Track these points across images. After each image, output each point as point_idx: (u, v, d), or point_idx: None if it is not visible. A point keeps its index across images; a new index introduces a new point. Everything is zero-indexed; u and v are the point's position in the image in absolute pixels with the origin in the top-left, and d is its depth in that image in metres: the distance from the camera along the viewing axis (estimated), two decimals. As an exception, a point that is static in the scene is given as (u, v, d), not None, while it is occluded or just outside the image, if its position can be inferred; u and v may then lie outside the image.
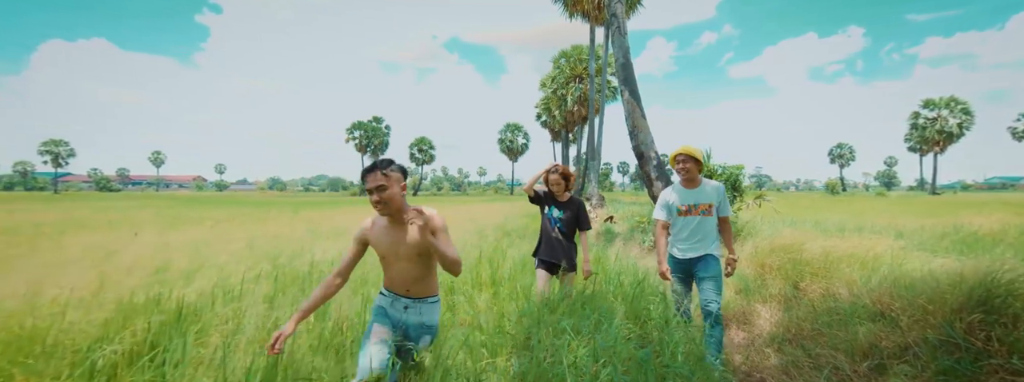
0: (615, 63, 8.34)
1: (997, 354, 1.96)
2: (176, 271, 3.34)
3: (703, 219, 2.88)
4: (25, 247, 5.09)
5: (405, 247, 1.78)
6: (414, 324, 1.87)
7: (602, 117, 25.31)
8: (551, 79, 37.47)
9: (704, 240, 2.88)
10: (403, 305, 1.85)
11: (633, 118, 8.25)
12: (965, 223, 7.20)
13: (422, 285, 1.85)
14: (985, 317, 2.12)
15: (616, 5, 8.07)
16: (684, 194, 2.94)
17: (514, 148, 59.43)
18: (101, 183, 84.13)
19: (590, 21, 21.27)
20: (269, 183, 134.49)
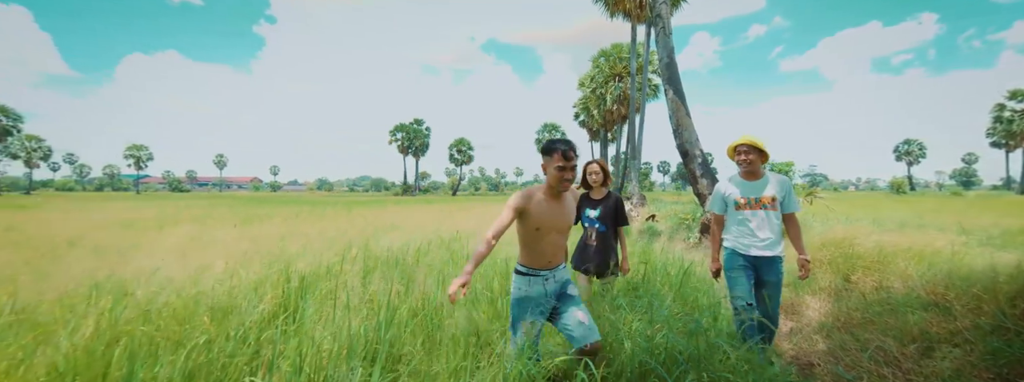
0: (659, 63, 8.41)
1: (1044, 335, 2.05)
2: (279, 256, 3.93)
3: (767, 213, 2.64)
4: (148, 236, 5.99)
5: (563, 219, 1.99)
6: (555, 289, 2.04)
7: (643, 116, 24.94)
8: (590, 78, 37.26)
9: (770, 238, 2.63)
10: (542, 279, 1.99)
11: (677, 117, 8.29)
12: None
13: (561, 255, 2.05)
14: (1037, 303, 2.19)
15: (661, 6, 8.15)
16: (744, 186, 2.72)
17: (552, 148, 59.38)
18: (173, 184, 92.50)
19: (632, 19, 21.11)
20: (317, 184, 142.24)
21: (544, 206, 1.93)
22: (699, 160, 8.40)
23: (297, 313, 2.37)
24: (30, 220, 10.48)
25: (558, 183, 1.90)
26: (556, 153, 1.88)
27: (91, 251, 4.89)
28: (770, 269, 2.62)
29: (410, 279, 3.11)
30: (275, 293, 2.55)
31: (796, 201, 2.72)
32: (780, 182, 2.70)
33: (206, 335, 1.98)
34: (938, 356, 2.31)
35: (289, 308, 2.43)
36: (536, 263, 1.98)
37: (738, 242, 2.71)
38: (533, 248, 1.96)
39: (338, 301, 2.58)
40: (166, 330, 2.05)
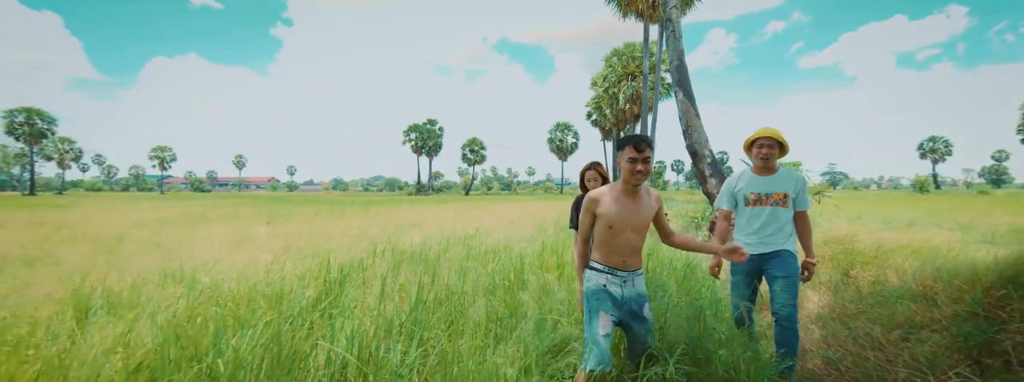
0: (670, 65, 8.61)
1: (1010, 320, 2.25)
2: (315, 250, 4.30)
3: (776, 210, 2.52)
4: (188, 233, 6.46)
5: (639, 218, 1.91)
6: (633, 296, 1.94)
7: (655, 114, 24.96)
8: (602, 77, 37.30)
9: (778, 233, 2.51)
10: (621, 279, 1.93)
11: (687, 118, 8.48)
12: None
13: (637, 257, 1.95)
14: (1010, 292, 2.39)
15: (672, 10, 8.34)
16: (755, 181, 2.58)
17: (564, 147, 59.52)
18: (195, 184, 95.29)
19: (644, 19, 21.18)
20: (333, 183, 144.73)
21: (619, 203, 1.90)
22: (708, 160, 8.57)
23: (338, 300, 2.71)
24: (72, 219, 11.18)
25: (631, 176, 1.87)
26: (628, 146, 1.88)
27: (141, 246, 5.35)
28: (778, 264, 2.47)
29: (434, 272, 3.42)
30: (317, 283, 2.89)
31: (808, 198, 2.59)
32: (795, 178, 2.56)
33: (266, 317, 2.32)
34: (917, 340, 2.53)
35: (331, 295, 2.76)
36: (610, 261, 1.93)
37: (745, 241, 2.58)
38: (607, 245, 1.92)
39: (373, 290, 2.91)
40: (234, 311, 2.40)
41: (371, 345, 2.16)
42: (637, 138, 1.88)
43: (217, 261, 3.45)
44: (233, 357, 1.81)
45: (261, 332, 2.08)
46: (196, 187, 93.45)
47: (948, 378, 2.05)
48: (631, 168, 1.87)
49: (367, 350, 2.13)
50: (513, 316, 2.61)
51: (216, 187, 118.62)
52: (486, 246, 4.99)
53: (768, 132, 2.53)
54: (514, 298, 2.83)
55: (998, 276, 2.53)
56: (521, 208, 16.16)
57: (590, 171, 3.22)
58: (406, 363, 1.96)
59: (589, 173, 3.22)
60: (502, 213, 12.11)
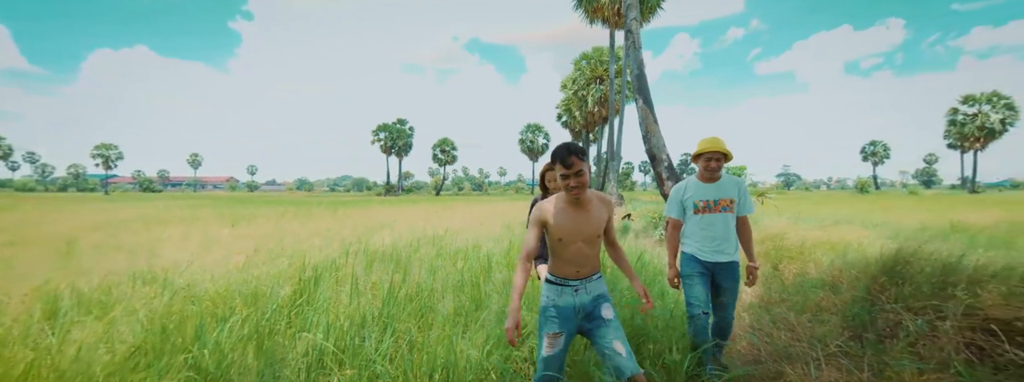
0: (631, 74, 9.13)
1: (886, 302, 2.73)
2: (287, 251, 4.39)
3: (725, 216, 2.60)
4: (142, 236, 6.32)
5: (589, 227, 1.84)
6: (588, 301, 1.90)
7: (622, 118, 25.81)
8: (572, 81, 38.16)
9: (728, 242, 2.60)
10: (573, 289, 1.88)
11: (647, 124, 9.01)
12: (961, 219, 7.65)
13: (591, 265, 1.90)
14: (889, 279, 2.88)
15: (632, 22, 8.85)
16: (701, 189, 2.65)
17: (535, 148, 60.21)
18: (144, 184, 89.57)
19: (610, 26, 21.91)
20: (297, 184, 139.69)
21: (566, 214, 1.84)
22: (665, 164, 9.14)
23: (312, 297, 2.88)
24: (14, 222, 10.49)
25: (566, 191, 1.81)
26: (555, 161, 1.79)
27: (99, 249, 5.23)
28: (728, 275, 2.59)
29: (405, 271, 3.63)
30: (292, 282, 3.05)
31: (750, 203, 2.69)
32: (737, 184, 2.66)
33: (242, 314, 2.48)
34: (820, 322, 2.99)
35: (305, 293, 2.93)
36: (562, 272, 1.89)
37: (698, 248, 2.62)
38: (560, 257, 1.87)
39: (346, 288, 3.10)
40: (211, 309, 2.54)
41: (346, 336, 2.37)
42: (563, 151, 1.77)
43: (189, 263, 3.52)
44: (215, 348, 1.98)
45: (241, 325, 2.25)
46: (145, 187, 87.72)
47: (832, 349, 2.49)
48: (564, 184, 1.80)
49: (343, 341, 2.34)
50: (479, 309, 2.88)
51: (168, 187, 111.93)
52: (455, 246, 5.22)
53: (714, 146, 2.60)
54: (480, 293, 3.10)
55: (882, 267, 3.03)
56: (491, 208, 16.42)
57: (551, 171, 2.96)
58: (379, 351, 2.18)
59: (549, 174, 3.03)
60: (472, 214, 12.33)
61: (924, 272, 2.88)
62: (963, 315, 2.33)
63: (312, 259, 3.93)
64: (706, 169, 2.61)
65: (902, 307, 2.66)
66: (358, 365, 2.05)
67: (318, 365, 2.14)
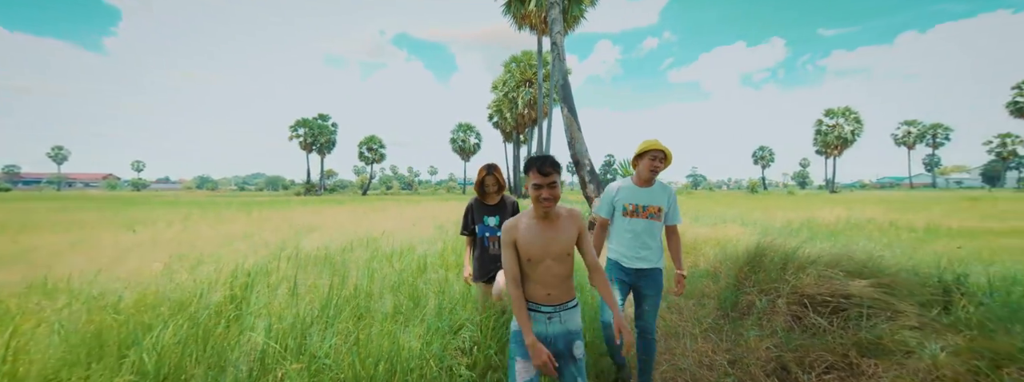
0: (556, 84, 9.78)
1: (748, 286, 3.50)
2: (207, 257, 4.19)
3: (651, 223, 2.56)
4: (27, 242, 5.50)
5: (557, 245, 1.72)
6: (561, 333, 1.76)
7: (550, 121, 27.02)
8: (502, 82, 38.98)
9: (652, 248, 2.55)
10: (546, 316, 1.75)
11: (571, 131, 9.74)
12: (816, 216, 9.42)
13: (564, 287, 1.77)
14: (751, 268, 3.67)
15: (556, 36, 9.50)
16: (634, 192, 2.59)
17: (466, 148, 60.24)
18: (-18, 182, 73.70)
19: (537, 33, 22.81)
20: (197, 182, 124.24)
21: (533, 230, 1.73)
22: (588, 168, 9.96)
23: (246, 302, 2.89)
24: None
25: (537, 202, 1.71)
26: (532, 170, 1.71)
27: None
28: (650, 282, 2.55)
29: (343, 274, 3.72)
30: (223, 287, 3.00)
31: (679, 213, 2.68)
32: (668, 192, 2.63)
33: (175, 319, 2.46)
34: (701, 305, 3.69)
35: (238, 299, 2.92)
36: (534, 297, 1.75)
37: (622, 253, 2.59)
38: (529, 279, 1.75)
39: (282, 291, 3.14)
40: (137, 318, 2.47)
41: (288, 336, 2.47)
42: (541, 161, 1.70)
43: (96, 271, 3.27)
44: (154, 350, 2.00)
45: (176, 330, 2.26)
46: (-16, 185, 72.23)
47: (706, 324, 3.15)
48: (536, 195, 1.70)
49: (284, 340, 2.43)
50: (417, 307, 3.11)
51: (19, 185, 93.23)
52: (390, 248, 5.33)
53: (660, 145, 2.53)
54: (417, 291, 3.32)
55: (747, 258, 3.82)
56: (423, 209, 16.33)
57: (489, 176, 2.90)
58: (323, 349, 2.33)
59: (488, 179, 2.91)
60: (404, 215, 12.24)
61: (773, 261, 3.70)
62: (789, 293, 3.10)
63: (240, 264, 3.83)
64: (649, 169, 2.54)
65: (756, 290, 3.42)
66: (305, 360, 2.19)
67: (260, 364, 2.23)
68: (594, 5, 20.74)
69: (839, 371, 2.56)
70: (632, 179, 2.68)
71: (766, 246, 4.01)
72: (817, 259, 3.53)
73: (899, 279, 3.28)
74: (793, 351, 2.77)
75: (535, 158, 1.73)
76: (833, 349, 2.69)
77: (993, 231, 8.29)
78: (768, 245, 4.04)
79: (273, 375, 2.03)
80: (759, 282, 3.50)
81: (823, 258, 3.66)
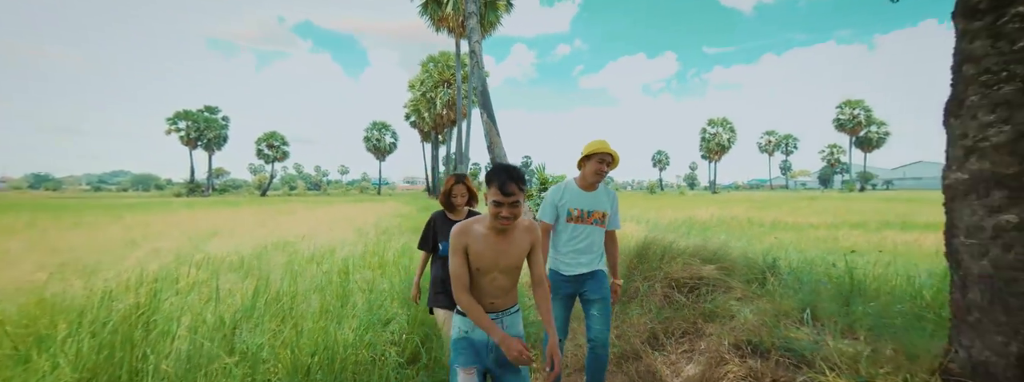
0: (475, 91, 10.21)
1: (636, 275, 4.27)
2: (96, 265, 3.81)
3: (595, 229, 2.49)
4: None
5: (509, 259, 1.69)
6: None
7: (469, 122, 27.40)
8: (420, 82, 38.35)
9: (595, 253, 2.50)
10: None
11: (490, 136, 10.23)
12: (695, 214, 11.16)
13: (508, 296, 1.75)
14: (639, 259, 4.45)
15: (475, 44, 9.91)
16: (580, 197, 2.49)
17: (381, 147, 57.92)
18: None
19: (456, 36, 23.05)
20: (29, 180, 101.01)
21: (486, 242, 1.67)
22: (505, 171, 10.54)
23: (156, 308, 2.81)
24: None
25: (495, 220, 1.62)
26: (492, 185, 1.59)
27: None
28: (595, 286, 2.46)
29: (265, 277, 3.70)
30: (129, 295, 2.85)
31: (619, 219, 2.65)
32: (611, 197, 2.57)
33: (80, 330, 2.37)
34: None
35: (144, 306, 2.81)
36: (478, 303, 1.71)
37: (562, 260, 2.50)
38: (475, 286, 1.71)
39: (199, 295, 3.08)
40: (31, 329, 2.32)
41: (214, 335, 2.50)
42: (503, 177, 1.59)
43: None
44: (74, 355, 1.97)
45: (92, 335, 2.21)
46: None
47: (599, 305, 3.80)
48: (495, 212, 1.60)
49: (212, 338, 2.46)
50: (345, 306, 3.28)
51: None
52: (309, 251, 5.27)
53: (608, 147, 2.43)
54: (345, 291, 3.48)
55: (636, 251, 4.62)
56: (337, 211, 15.60)
57: (458, 185, 2.64)
58: (253, 345, 2.43)
59: (457, 188, 2.64)
60: (317, 217, 11.67)
61: (655, 253, 4.54)
62: (663, 278, 3.90)
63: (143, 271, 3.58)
64: (596, 173, 2.43)
65: (641, 277, 4.19)
66: (236, 356, 2.29)
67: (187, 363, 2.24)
68: (509, 12, 21.60)
69: (690, 335, 3.36)
70: (576, 181, 2.55)
71: (651, 241, 4.87)
72: (685, 250, 4.44)
73: (736, 263, 4.30)
74: (661, 323, 3.53)
75: (500, 172, 1.60)
76: (687, 318, 3.50)
77: (813, 225, 10.64)
78: (652, 240, 4.90)
79: (206, 371, 2.12)
80: (644, 271, 4.28)
81: (689, 249, 4.61)
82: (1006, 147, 1.52)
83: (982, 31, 1.58)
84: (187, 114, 51.35)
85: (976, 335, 1.62)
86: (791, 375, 2.40)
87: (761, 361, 2.70)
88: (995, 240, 1.56)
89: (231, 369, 2.10)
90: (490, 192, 1.60)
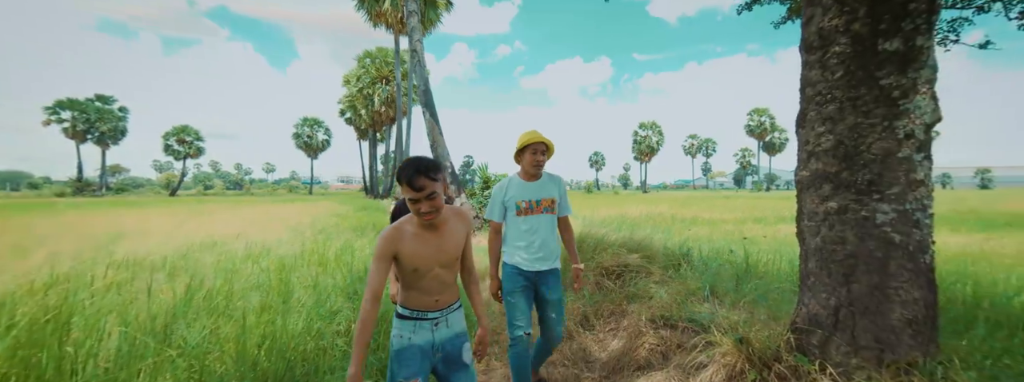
0: (418, 91, 10.20)
1: (565, 262, 4.69)
2: None
3: (547, 217, 2.45)
4: None
5: (447, 252, 1.63)
6: (449, 338, 1.70)
7: (410, 119, 26.87)
8: (356, 77, 36.80)
9: (549, 247, 2.45)
10: (432, 323, 1.66)
11: (433, 135, 10.29)
12: (626, 212, 12.08)
13: (451, 291, 1.70)
14: (570, 249, 4.88)
15: (416, 43, 9.93)
16: (524, 188, 2.45)
17: (313, 144, 54.62)
18: None
19: (395, 32, 22.58)
20: None
21: (419, 241, 1.59)
22: (449, 171, 10.65)
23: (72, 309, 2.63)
24: None
25: (418, 216, 1.55)
26: (402, 182, 1.51)
27: None
28: (552, 285, 2.43)
29: (199, 276, 3.55)
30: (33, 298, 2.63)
31: (569, 203, 2.60)
32: (557, 182, 2.53)
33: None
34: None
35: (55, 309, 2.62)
36: (420, 304, 1.65)
37: (519, 256, 2.44)
38: (415, 287, 1.64)
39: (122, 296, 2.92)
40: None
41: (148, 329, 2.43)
42: (409, 171, 1.50)
43: None
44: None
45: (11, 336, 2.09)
46: None
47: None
48: (415, 209, 1.53)
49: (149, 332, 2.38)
50: (287, 301, 3.28)
51: None
52: (242, 251, 5.05)
53: (540, 136, 2.42)
54: (287, 287, 3.47)
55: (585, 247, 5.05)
56: (263, 211, 14.61)
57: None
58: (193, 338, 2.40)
59: None
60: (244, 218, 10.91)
61: (589, 245, 4.98)
62: (596, 267, 4.33)
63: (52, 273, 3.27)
64: (533, 164, 2.42)
65: (593, 266, 4.60)
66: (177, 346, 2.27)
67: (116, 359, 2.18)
68: (449, 10, 21.59)
69: (616, 316, 3.80)
70: (518, 175, 2.53)
71: (586, 235, 5.31)
72: (615, 242, 4.93)
73: (657, 252, 4.88)
74: (592, 306, 3.94)
75: (405, 167, 1.52)
76: (614, 301, 3.94)
77: (725, 220, 12.02)
78: (588, 234, 5.35)
79: (146, 364, 2.09)
80: (581, 260, 4.72)
81: (618, 241, 5.12)
82: (830, 152, 2.04)
83: (816, 62, 2.09)
84: (72, 103, 44.71)
85: (812, 294, 2.14)
86: (692, 339, 2.88)
87: (670, 331, 3.18)
88: (824, 221, 2.07)
89: (175, 360, 2.09)
90: (403, 190, 1.53)
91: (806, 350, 2.14)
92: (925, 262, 1.93)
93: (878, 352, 1.93)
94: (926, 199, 1.94)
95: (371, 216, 13.19)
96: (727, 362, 2.35)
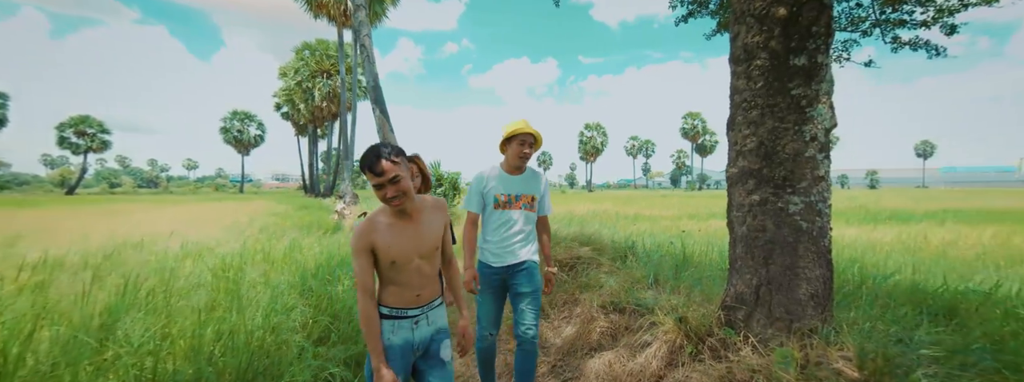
0: (367, 86, 9.90)
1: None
2: None
3: (526, 214, 2.36)
4: None
5: (426, 243, 1.58)
6: (430, 334, 1.65)
7: (355, 114, 25.78)
8: (294, 70, 34.63)
9: (525, 242, 2.35)
10: (412, 321, 1.59)
11: (383, 132, 10.05)
12: (574, 209, 12.59)
13: (433, 285, 1.64)
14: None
15: (365, 38, 9.64)
16: (506, 181, 2.36)
17: (244, 139, 50.62)
18: None
19: (338, 24, 21.59)
20: None
21: (394, 231, 1.54)
22: (398, 167, 10.46)
23: None
24: None
25: (387, 202, 1.50)
26: (364, 170, 1.46)
27: None
28: (525, 278, 2.33)
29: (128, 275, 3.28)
30: None
31: (549, 203, 2.52)
32: (541, 179, 2.46)
33: None
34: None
35: None
36: (401, 301, 1.58)
37: (491, 252, 2.36)
38: (395, 282, 1.57)
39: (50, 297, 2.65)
40: None
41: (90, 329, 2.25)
42: (370, 157, 1.46)
43: None
44: None
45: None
46: None
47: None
48: (381, 195, 1.49)
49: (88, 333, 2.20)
50: (236, 300, 3.13)
51: None
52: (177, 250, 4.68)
53: (529, 127, 2.32)
54: (235, 285, 3.31)
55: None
56: (188, 210, 13.40)
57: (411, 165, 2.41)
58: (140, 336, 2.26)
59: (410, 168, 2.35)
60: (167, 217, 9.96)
61: (540, 238, 5.21)
62: (556, 260, 4.55)
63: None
64: (518, 156, 2.34)
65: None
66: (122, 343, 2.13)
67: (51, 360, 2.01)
68: (396, 5, 21.01)
69: (570, 304, 4.04)
70: (501, 166, 2.43)
71: (558, 231, 5.55)
72: (567, 236, 5.20)
73: (605, 246, 5.21)
74: (548, 297, 4.15)
75: (366, 154, 1.47)
76: (568, 291, 4.19)
77: (664, 216, 12.93)
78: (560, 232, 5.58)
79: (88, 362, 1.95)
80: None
81: (570, 236, 5.40)
82: (754, 151, 2.38)
83: (742, 73, 2.42)
84: (-58, 83, 37.83)
85: (738, 276, 2.47)
86: (638, 321, 3.17)
87: (620, 315, 3.46)
88: (749, 212, 2.41)
89: (122, 357, 1.97)
90: (368, 178, 1.47)
91: (734, 324, 2.47)
92: (825, 245, 2.32)
93: (788, 322, 2.29)
94: (826, 192, 2.33)
95: (314, 215, 12.59)
96: (668, 339, 2.65)
